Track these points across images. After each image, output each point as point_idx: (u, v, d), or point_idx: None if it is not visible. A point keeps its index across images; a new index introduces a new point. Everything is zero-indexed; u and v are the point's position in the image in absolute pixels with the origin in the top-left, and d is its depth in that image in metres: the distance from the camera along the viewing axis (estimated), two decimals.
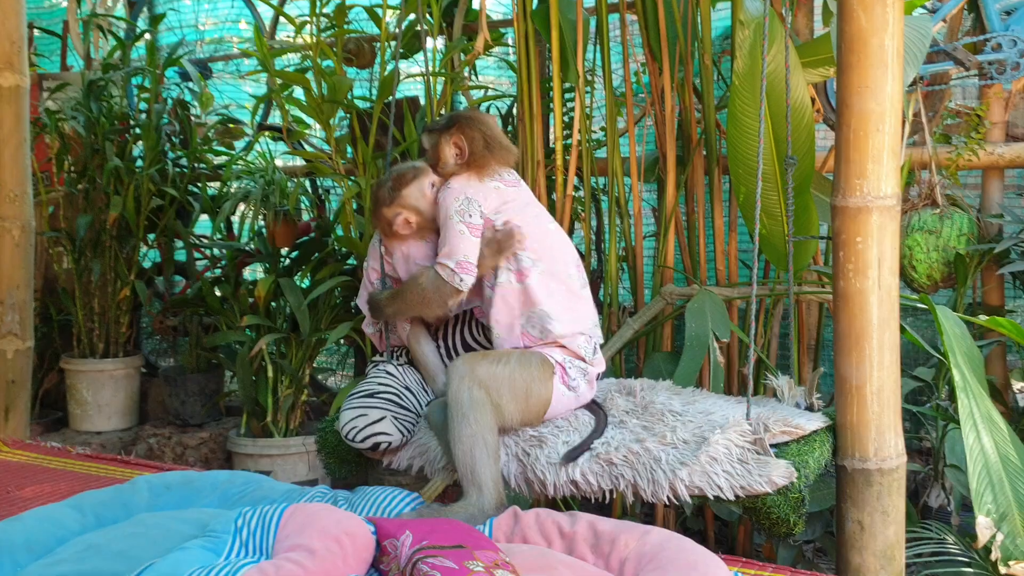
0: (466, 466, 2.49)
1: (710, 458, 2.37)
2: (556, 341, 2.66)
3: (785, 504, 2.33)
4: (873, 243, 2.46)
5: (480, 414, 2.50)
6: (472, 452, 2.48)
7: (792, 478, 2.33)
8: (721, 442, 2.38)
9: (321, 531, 2.02)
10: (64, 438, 4.96)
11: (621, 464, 2.45)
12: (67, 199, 5.08)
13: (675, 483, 2.38)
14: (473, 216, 2.62)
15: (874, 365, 2.48)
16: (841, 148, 2.49)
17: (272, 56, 4.31)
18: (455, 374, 2.54)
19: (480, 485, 2.47)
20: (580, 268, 2.75)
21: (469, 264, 2.60)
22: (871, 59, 2.40)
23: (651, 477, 2.40)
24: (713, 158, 3.70)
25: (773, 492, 2.33)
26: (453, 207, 2.63)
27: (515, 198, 2.70)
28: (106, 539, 2.19)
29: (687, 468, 2.37)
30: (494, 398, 2.52)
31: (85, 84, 4.99)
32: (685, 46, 3.68)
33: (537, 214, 2.75)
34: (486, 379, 2.53)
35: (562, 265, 2.69)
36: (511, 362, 2.58)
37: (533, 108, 3.80)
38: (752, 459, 2.37)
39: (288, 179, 4.66)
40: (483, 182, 2.69)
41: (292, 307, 4.34)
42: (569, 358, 2.67)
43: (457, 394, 2.51)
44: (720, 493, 2.35)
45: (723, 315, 3.32)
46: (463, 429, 2.49)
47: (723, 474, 2.35)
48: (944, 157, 3.76)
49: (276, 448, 4.43)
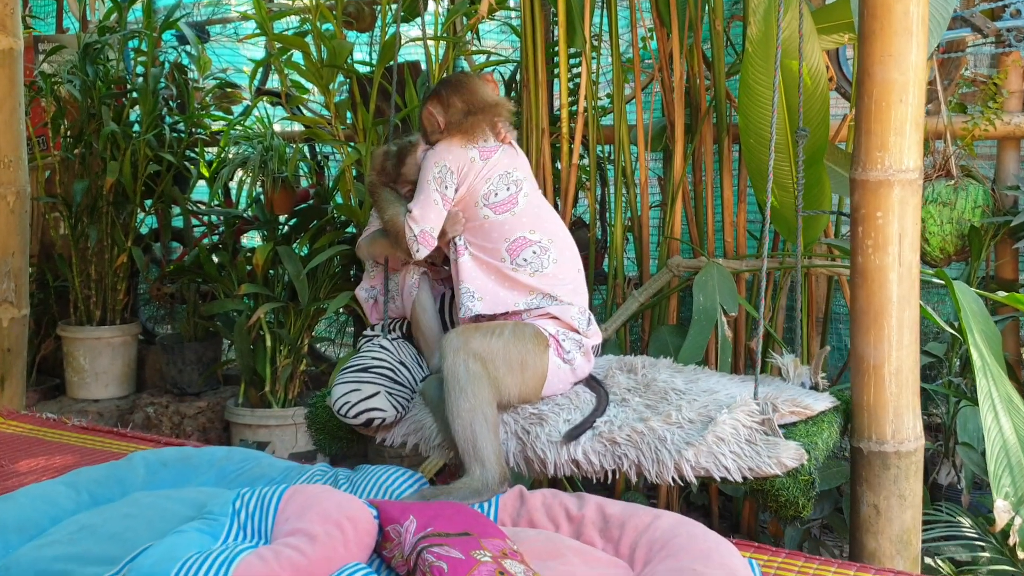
0: (467, 441, 2.43)
1: (717, 438, 2.30)
2: (548, 312, 2.62)
3: (794, 487, 2.27)
4: (894, 218, 2.38)
5: (478, 387, 2.44)
6: (472, 426, 2.42)
7: (803, 460, 2.27)
8: (728, 422, 2.32)
9: (322, 515, 1.95)
10: (61, 406, 4.92)
11: (624, 444, 2.38)
12: (63, 164, 5.00)
13: (680, 464, 2.32)
14: (448, 188, 2.67)
15: (893, 344, 2.41)
16: (861, 119, 2.41)
17: (271, 19, 4.22)
18: (449, 347, 2.49)
19: (483, 460, 2.40)
20: (555, 242, 2.71)
21: (430, 238, 2.66)
22: (895, 26, 2.31)
23: (656, 457, 2.34)
24: (723, 127, 3.61)
25: (782, 474, 2.27)
26: (433, 172, 2.69)
27: (483, 171, 2.70)
28: (100, 520, 2.12)
29: (693, 448, 2.30)
30: (490, 371, 2.47)
31: (81, 47, 4.89)
32: (696, 10, 3.58)
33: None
34: (481, 351, 2.48)
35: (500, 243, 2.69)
36: (504, 334, 2.53)
37: (538, 74, 3.71)
38: (760, 440, 2.30)
39: (287, 145, 4.58)
40: (464, 148, 2.70)
41: (291, 275, 4.29)
42: (563, 330, 2.61)
43: (453, 368, 2.46)
44: (727, 475, 2.29)
45: (731, 288, 3.25)
46: (461, 403, 2.43)
47: (730, 455, 2.29)
48: (959, 127, 3.68)
49: (274, 418, 4.39)
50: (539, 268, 2.64)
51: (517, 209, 2.68)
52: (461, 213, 2.70)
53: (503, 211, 2.67)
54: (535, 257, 2.65)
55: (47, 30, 6.05)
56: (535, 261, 2.65)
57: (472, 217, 2.69)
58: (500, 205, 2.68)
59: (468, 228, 2.70)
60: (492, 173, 2.69)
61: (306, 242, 4.47)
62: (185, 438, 4.63)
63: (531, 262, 2.65)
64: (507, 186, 2.69)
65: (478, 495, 2.36)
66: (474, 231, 2.70)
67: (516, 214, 2.68)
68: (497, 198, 2.68)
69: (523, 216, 2.69)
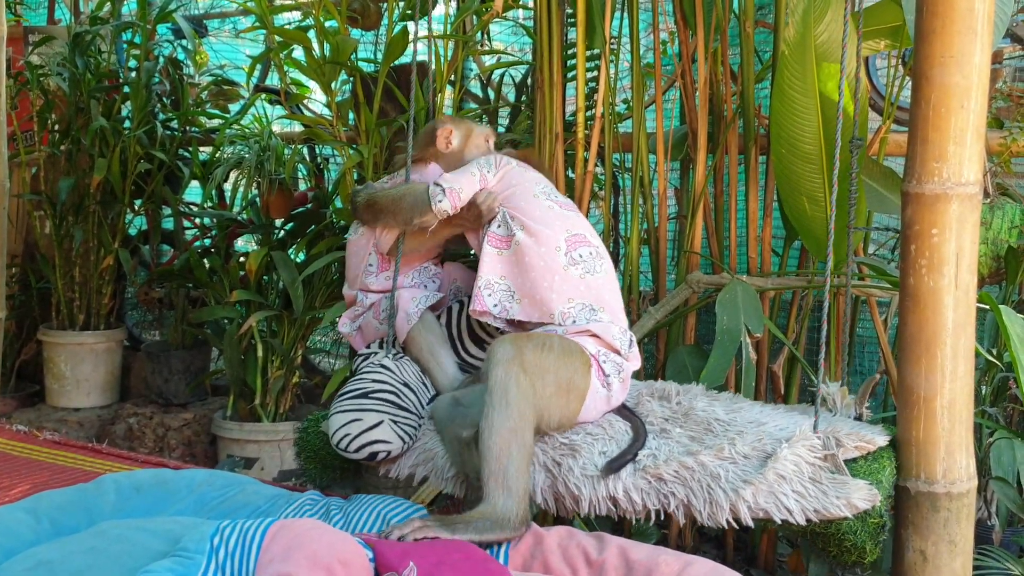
0: (499, 463, 2.17)
1: (778, 476, 2.08)
2: (588, 330, 2.42)
3: (863, 530, 2.06)
4: (951, 236, 2.17)
5: (525, 407, 2.21)
6: (510, 449, 2.17)
7: (875, 501, 2.06)
8: (790, 458, 2.09)
9: (310, 557, 1.72)
10: (39, 414, 4.73)
11: (672, 480, 2.15)
12: (49, 160, 4.86)
13: (737, 504, 2.09)
14: (489, 172, 2.64)
15: (946, 375, 2.19)
16: (917, 127, 2.19)
17: (272, 13, 4.07)
18: (501, 357, 2.24)
19: (510, 489, 2.15)
20: (604, 258, 2.62)
21: (458, 196, 2.58)
22: (958, 24, 2.10)
23: (708, 497, 2.11)
24: (750, 136, 3.40)
25: (852, 517, 2.05)
26: (480, 159, 2.69)
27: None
28: (61, 554, 1.89)
29: (751, 487, 2.08)
30: (538, 389, 2.24)
31: (71, 37, 4.74)
32: (723, 11, 3.38)
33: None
34: (534, 366, 2.25)
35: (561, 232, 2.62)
36: (555, 349, 2.31)
37: (553, 76, 3.51)
38: (826, 479, 2.08)
39: (285, 146, 4.44)
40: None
41: (285, 282, 4.14)
42: (604, 350, 2.40)
43: (504, 381, 2.21)
44: (789, 517, 2.06)
45: (756, 308, 3.05)
46: (504, 422, 2.18)
47: (793, 495, 2.06)
48: (996, 143, 3.48)
49: (264, 433, 4.22)
50: (591, 271, 2.49)
51: (578, 214, 2.62)
52: (498, 196, 2.61)
53: (569, 208, 2.60)
54: (591, 258, 2.50)
55: (38, 21, 5.89)
56: (589, 262, 2.50)
57: (533, 206, 2.57)
58: (565, 203, 2.61)
59: (529, 211, 2.55)
60: (537, 186, 2.68)
61: (302, 248, 4.33)
62: (169, 452, 4.44)
63: (586, 261, 2.50)
64: (558, 194, 2.68)
65: (499, 529, 2.12)
66: (535, 216, 2.54)
67: (578, 214, 2.60)
68: (557, 199, 2.63)
69: (582, 220, 2.60)
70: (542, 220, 2.52)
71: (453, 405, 2.45)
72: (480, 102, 4.50)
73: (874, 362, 3.99)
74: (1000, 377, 3.27)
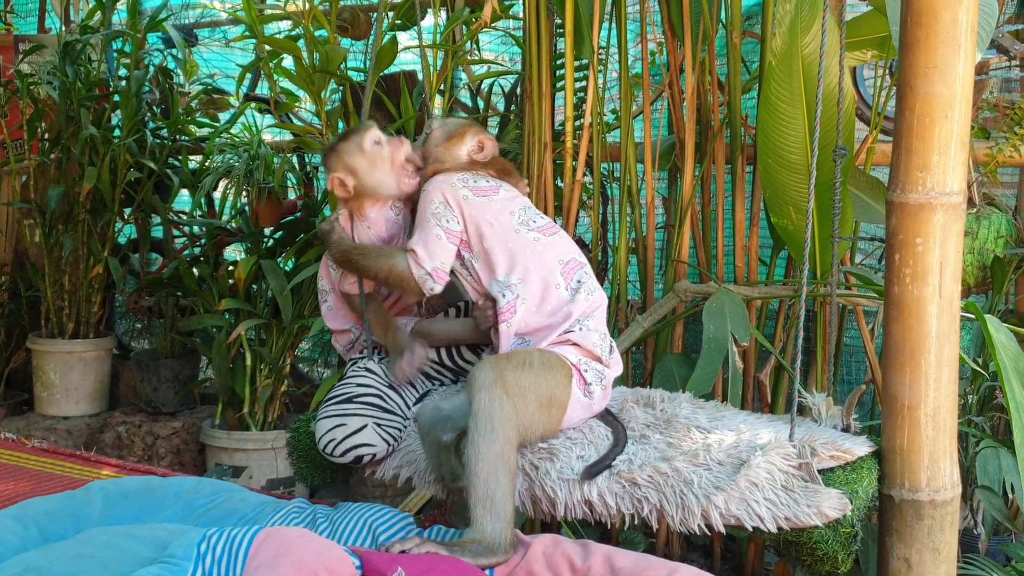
0: (487, 489, 2.17)
1: (750, 483, 2.09)
2: (568, 339, 2.40)
3: (834, 539, 2.06)
4: (935, 245, 2.18)
5: (510, 430, 2.20)
6: (497, 475, 2.17)
7: (846, 510, 2.06)
8: (763, 465, 2.10)
9: (297, 565, 1.73)
10: (28, 422, 4.74)
11: (646, 485, 2.16)
12: (39, 169, 4.88)
13: (708, 510, 2.10)
14: (451, 222, 2.45)
15: (930, 383, 2.20)
16: (902, 136, 2.21)
17: (261, 22, 4.07)
18: (484, 381, 2.24)
19: (498, 515, 2.15)
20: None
21: (443, 272, 2.45)
22: (942, 35, 2.11)
23: (680, 502, 2.12)
24: (737, 146, 3.42)
25: (823, 525, 2.06)
26: (431, 208, 2.47)
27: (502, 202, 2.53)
28: (48, 561, 1.90)
29: (723, 494, 2.09)
30: (520, 409, 2.23)
31: (61, 46, 4.74)
32: (710, 21, 3.40)
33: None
34: (515, 387, 2.24)
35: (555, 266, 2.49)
36: (534, 366, 2.29)
37: (542, 85, 3.52)
38: (799, 487, 2.09)
39: (274, 154, 4.45)
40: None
41: (274, 291, 4.15)
42: (584, 358, 2.38)
43: (488, 405, 2.20)
44: (760, 524, 2.07)
45: (743, 317, 3.07)
46: (490, 446, 2.18)
47: (765, 502, 2.07)
48: (982, 153, 3.50)
49: (252, 442, 4.23)
50: (591, 291, 2.45)
51: (561, 233, 2.53)
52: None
53: (551, 231, 2.50)
54: (587, 277, 2.46)
55: (28, 30, 5.89)
56: (587, 281, 2.46)
57: (519, 247, 2.45)
58: (547, 228, 2.50)
59: (519, 253, 2.44)
60: (515, 206, 2.52)
61: (291, 256, 4.34)
62: (157, 460, 4.43)
63: (584, 283, 2.44)
64: (538, 215, 2.53)
65: (491, 554, 2.12)
66: (526, 256, 2.44)
67: (561, 233, 2.52)
68: (537, 224, 2.50)
69: (565, 239, 2.53)
70: (537, 259, 2.45)
71: (436, 411, 2.45)
72: (469, 111, 4.52)
73: (862, 372, 4.00)
74: (986, 386, 3.28)
